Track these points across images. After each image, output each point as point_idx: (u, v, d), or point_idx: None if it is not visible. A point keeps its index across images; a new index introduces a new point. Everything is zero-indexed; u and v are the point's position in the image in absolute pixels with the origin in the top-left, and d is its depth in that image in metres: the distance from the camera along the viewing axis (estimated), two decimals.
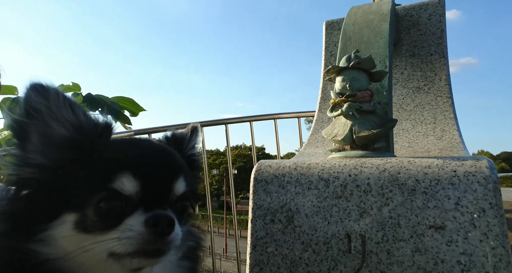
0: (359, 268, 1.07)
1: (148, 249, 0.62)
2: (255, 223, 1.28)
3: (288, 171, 1.28)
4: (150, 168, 0.69)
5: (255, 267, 1.24)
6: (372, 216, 1.09)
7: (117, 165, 0.66)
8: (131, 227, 0.62)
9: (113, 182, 0.63)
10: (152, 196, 0.66)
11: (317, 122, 2.10)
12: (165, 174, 0.70)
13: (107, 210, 0.63)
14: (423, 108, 1.76)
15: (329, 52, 2.26)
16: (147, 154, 0.73)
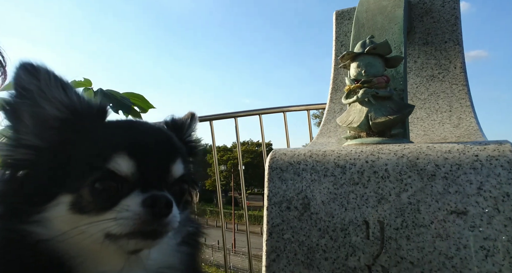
0: (378, 254, 1.07)
1: (145, 230, 0.61)
2: (270, 210, 1.28)
3: (303, 159, 1.27)
4: (146, 149, 0.67)
5: (271, 253, 1.24)
6: (390, 202, 1.08)
7: (112, 145, 0.65)
8: (128, 207, 0.60)
9: (108, 163, 0.62)
10: (149, 177, 0.65)
11: (328, 112, 2.08)
12: (162, 155, 0.69)
13: (103, 191, 0.62)
14: (437, 97, 1.73)
15: (340, 42, 2.23)
16: (143, 135, 0.72)
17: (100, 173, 0.62)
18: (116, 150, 0.64)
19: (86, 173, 0.63)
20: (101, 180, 0.62)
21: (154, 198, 0.61)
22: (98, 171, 0.62)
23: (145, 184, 0.64)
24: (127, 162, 0.63)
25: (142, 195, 0.62)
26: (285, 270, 1.20)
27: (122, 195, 0.62)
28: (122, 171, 0.63)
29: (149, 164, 0.66)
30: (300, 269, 1.18)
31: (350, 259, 1.10)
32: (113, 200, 0.62)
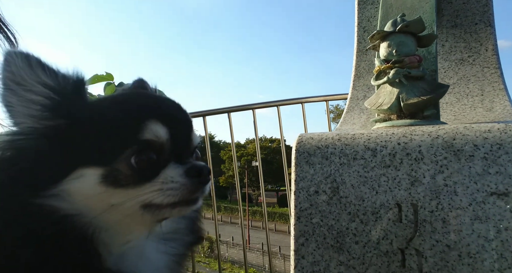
0: (412, 237, 1.04)
1: (190, 198, 0.63)
2: (298, 195, 1.27)
3: (332, 142, 1.25)
4: (174, 117, 0.68)
5: (300, 238, 1.23)
6: (424, 184, 1.05)
7: (142, 115, 0.64)
8: (173, 178, 0.61)
9: (143, 133, 0.61)
10: (179, 146, 0.66)
11: (351, 100, 2.04)
12: (185, 124, 0.70)
13: (141, 163, 0.61)
14: (468, 81, 1.67)
15: (362, 28, 2.18)
16: (165, 104, 0.72)
17: (136, 144, 0.61)
18: (148, 119, 0.63)
19: (119, 146, 0.61)
20: (139, 151, 0.61)
21: (198, 168, 0.63)
22: (133, 143, 0.61)
23: (176, 153, 0.65)
24: (162, 129, 0.63)
25: (180, 165, 0.63)
26: (314, 254, 1.19)
27: (160, 166, 0.62)
28: (159, 138, 0.62)
29: (178, 133, 0.66)
30: (330, 253, 1.16)
31: (382, 242, 1.08)
32: (152, 172, 0.62)
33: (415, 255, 1.02)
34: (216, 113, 3.07)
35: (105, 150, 0.62)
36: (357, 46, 2.16)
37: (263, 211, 2.97)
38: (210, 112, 3.01)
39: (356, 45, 2.17)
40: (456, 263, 0.96)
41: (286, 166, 3.00)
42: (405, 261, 1.03)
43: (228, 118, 2.97)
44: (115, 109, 0.66)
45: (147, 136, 0.61)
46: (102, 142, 0.62)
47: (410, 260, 1.03)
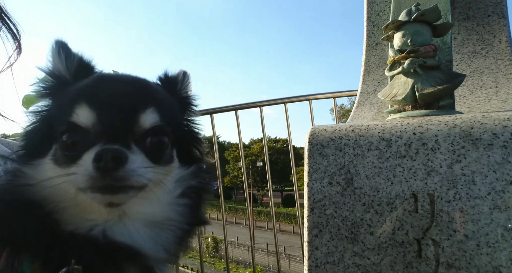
0: (428, 227, 1.03)
1: (98, 185, 0.59)
2: (311, 186, 1.26)
3: (345, 134, 1.25)
4: (109, 98, 0.66)
5: (313, 229, 1.22)
6: (441, 174, 1.04)
7: (75, 97, 0.66)
8: (83, 162, 0.60)
9: (70, 115, 0.63)
10: (112, 129, 0.63)
11: (361, 94, 2.03)
12: (129, 105, 0.66)
13: (69, 144, 0.63)
14: (481, 73, 1.65)
15: (372, 23, 2.16)
16: (110, 85, 0.71)
17: (65, 126, 0.64)
18: (77, 101, 0.64)
19: (57, 127, 0.66)
20: (66, 133, 0.64)
21: (100, 152, 0.58)
22: (63, 124, 0.64)
23: (109, 137, 0.62)
24: (86, 113, 0.62)
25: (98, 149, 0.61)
26: (328, 245, 1.18)
27: (85, 149, 0.62)
28: (82, 122, 0.62)
29: (111, 115, 0.64)
30: (344, 244, 1.16)
31: (398, 233, 1.07)
32: (77, 154, 0.62)
33: (431, 245, 1.01)
34: (223, 110, 3.05)
35: (54, 130, 0.67)
36: (367, 41, 2.15)
37: (271, 211, 2.94)
38: (217, 110, 3.00)
39: (366, 40, 2.15)
40: (474, 253, 0.95)
41: (293, 164, 2.98)
42: (421, 251, 1.02)
43: (236, 116, 2.95)
44: (68, 91, 0.71)
45: (73, 118, 0.63)
46: (55, 123, 0.68)
47: (426, 250, 1.02)
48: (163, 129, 0.68)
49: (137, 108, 0.66)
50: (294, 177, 2.87)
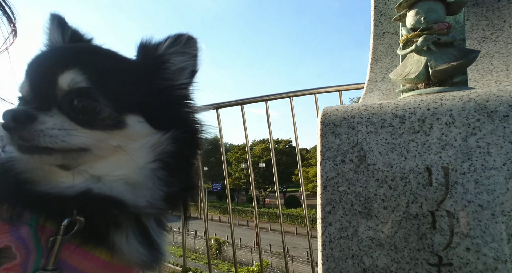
0: (442, 199, 1.04)
1: (11, 144, 0.65)
2: (324, 165, 1.28)
3: (358, 112, 1.26)
4: (35, 66, 0.70)
5: (327, 206, 1.23)
6: (456, 147, 1.05)
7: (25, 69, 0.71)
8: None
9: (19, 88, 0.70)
10: (38, 95, 0.66)
11: (370, 82, 2.04)
12: (47, 69, 0.67)
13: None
14: (491, 57, 1.65)
15: (379, 12, 2.18)
16: (43, 54, 0.76)
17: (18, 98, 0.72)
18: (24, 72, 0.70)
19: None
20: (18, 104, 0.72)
21: (3, 113, 0.62)
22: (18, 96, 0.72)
23: (36, 102, 0.65)
24: (24, 83, 0.69)
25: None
26: (342, 220, 1.19)
27: None
28: (22, 92, 0.70)
29: (36, 81, 0.67)
30: (358, 219, 1.17)
31: (411, 206, 1.08)
32: None
33: (446, 216, 1.02)
34: (229, 105, 3.05)
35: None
36: (374, 30, 2.16)
37: (277, 213, 2.94)
38: (223, 105, 3.00)
39: (373, 29, 2.17)
40: (489, 222, 0.96)
41: (300, 162, 2.95)
42: (436, 223, 1.03)
43: (241, 111, 2.95)
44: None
45: (19, 91, 0.71)
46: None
47: (441, 222, 1.03)
48: (89, 92, 0.67)
49: (55, 71, 0.66)
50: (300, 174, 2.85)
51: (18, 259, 0.62)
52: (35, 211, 0.67)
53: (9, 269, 0.62)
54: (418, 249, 1.04)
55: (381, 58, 2.07)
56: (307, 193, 3.01)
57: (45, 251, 0.65)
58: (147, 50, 0.80)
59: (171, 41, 0.81)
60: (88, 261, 0.68)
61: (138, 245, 0.71)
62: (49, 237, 0.66)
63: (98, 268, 0.69)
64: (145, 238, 0.73)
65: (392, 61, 2.01)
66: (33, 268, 0.64)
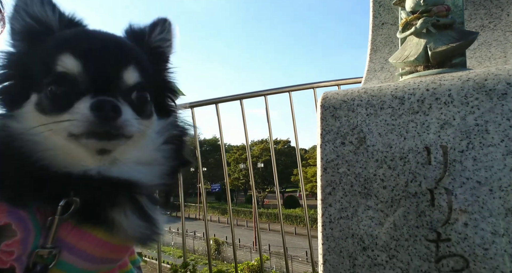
0: (441, 177, 1.05)
1: (96, 131, 0.65)
2: (324, 147, 1.29)
3: (358, 95, 1.27)
4: (93, 52, 0.70)
5: (327, 187, 1.24)
6: (454, 126, 1.06)
7: (61, 47, 0.70)
8: (79, 110, 0.65)
9: (57, 64, 0.67)
10: (99, 82, 0.68)
11: (369, 71, 2.05)
12: (112, 60, 0.71)
13: (56, 94, 0.67)
14: (489, 45, 1.67)
15: (378, 3, 2.19)
16: (92, 39, 0.76)
17: (52, 75, 0.68)
18: (63, 51, 0.68)
19: (42, 76, 0.69)
20: (54, 83, 0.67)
21: (100, 102, 0.65)
22: (50, 74, 0.68)
23: (96, 90, 0.67)
24: (72, 62, 0.67)
25: (91, 99, 0.66)
26: (341, 201, 1.21)
27: (74, 98, 0.67)
28: (69, 70, 0.67)
29: (98, 68, 0.69)
30: (357, 199, 1.18)
31: (411, 185, 1.10)
32: (67, 103, 0.66)
33: (444, 193, 1.04)
34: (228, 100, 3.04)
35: (39, 79, 0.69)
36: (373, 21, 2.18)
37: (276, 213, 2.94)
38: (222, 100, 2.99)
39: (372, 20, 2.18)
40: (487, 198, 0.97)
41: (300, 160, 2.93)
42: (434, 200, 1.05)
43: (241, 106, 2.94)
44: (51, 42, 0.73)
45: (59, 68, 0.67)
46: (40, 72, 0.70)
47: (439, 199, 1.04)
48: (144, 86, 0.75)
49: (120, 65, 0.71)
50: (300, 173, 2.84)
51: (19, 236, 0.64)
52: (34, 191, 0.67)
53: (10, 246, 0.63)
54: (417, 226, 1.06)
55: (380, 49, 2.08)
56: (306, 193, 3.01)
57: (43, 230, 0.67)
58: (141, 37, 0.84)
59: (160, 27, 0.86)
60: (85, 240, 0.70)
61: (137, 220, 0.74)
62: (47, 217, 0.67)
63: (95, 247, 0.71)
64: (142, 213, 0.76)
65: (391, 51, 2.03)
66: (32, 246, 0.66)
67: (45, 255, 0.66)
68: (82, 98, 0.66)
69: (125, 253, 0.83)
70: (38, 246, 0.66)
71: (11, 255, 0.64)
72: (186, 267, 2.53)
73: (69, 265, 0.69)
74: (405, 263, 1.06)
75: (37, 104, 0.69)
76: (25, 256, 0.65)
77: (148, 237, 0.77)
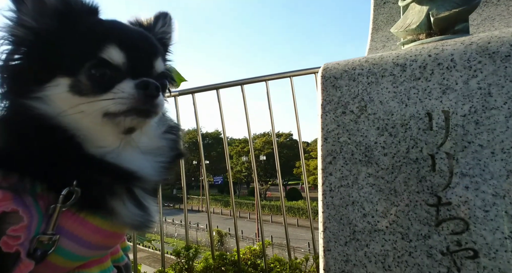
0: (442, 142, 1.05)
1: (139, 108, 0.72)
2: (325, 117, 1.28)
3: (359, 64, 1.26)
4: (134, 44, 0.77)
5: (327, 157, 1.24)
6: (456, 91, 1.05)
7: (105, 37, 0.74)
8: (124, 89, 0.71)
9: (102, 52, 0.71)
10: (137, 69, 0.75)
11: (370, 51, 2.03)
12: (147, 51, 0.80)
13: (98, 76, 0.71)
14: (493, 20, 1.65)
15: None
16: (131, 32, 0.82)
17: (95, 60, 0.71)
18: (108, 41, 0.73)
19: (83, 60, 0.71)
20: (97, 67, 0.71)
21: (146, 81, 0.72)
22: (93, 58, 0.71)
23: (134, 74, 0.74)
24: (118, 53, 0.72)
25: (134, 81, 0.73)
26: (342, 170, 1.20)
27: (116, 81, 0.72)
28: (114, 59, 0.72)
29: (136, 57, 0.76)
30: (358, 167, 1.18)
31: (412, 151, 1.09)
32: (108, 85, 0.72)
33: (445, 158, 1.03)
34: (229, 85, 3.01)
35: (73, 62, 0.72)
36: (374, 0, 2.15)
37: (278, 205, 2.95)
38: (223, 85, 2.95)
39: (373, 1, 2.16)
40: (488, 160, 0.96)
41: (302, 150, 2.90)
42: (435, 165, 1.04)
43: (242, 91, 2.91)
44: (91, 30, 0.76)
45: (104, 55, 0.72)
46: (73, 56, 0.73)
47: (440, 164, 1.03)
48: (165, 74, 0.85)
49: (153, 55, 0.80)
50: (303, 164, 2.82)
51: (25, 221, 0.67)
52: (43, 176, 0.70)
53: (17, 231, 0.66)
54: (418, 192, 1.05)
55: (382, 28, 2.06)
56: (308, 186, 3.00)
57: (45, 217, 0.70)
58: (149, 30, 0.90)
59: (162, 21, 0.94)
60: (83, 227, 0.74)
61: (134, 209, 0.78)
62: (48, 205, 0.70)
63: (92, 233, 0.74)
64: (138, 202, 0.80)
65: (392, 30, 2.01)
66: (34, 232, 0.68)
67: (45, 241, 0.69)
68: (123, 81, 0.72)
69: (119, 240, 0.87)
70: (39, 232, 0.69)
71: (18, 240, 0.66)
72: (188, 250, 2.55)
73: (66, 251, 0.73)
74: (405, 227, 1.06)
75: (71, 87, 0.72)
76: (28, 242, 0.68)
77: (143, 224, 0.80)
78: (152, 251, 18.53)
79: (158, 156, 0.82)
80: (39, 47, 0.73)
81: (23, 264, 0.67)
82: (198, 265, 2.48)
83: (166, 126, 0.88)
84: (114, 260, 0.90)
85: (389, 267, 1.07)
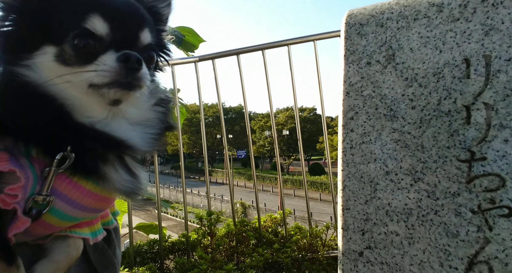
0: (481, 91, 0.93)
1: (121, 81, 0.71)
2: (347, 69, 1.18)
3: (388, 7, 1.12)
4: (118, 14, 0.75)
5: (349, 112, 1.15)
6: (502, 31, 0.91)
7: (90, 6, 0.72)
8: (105, 62, 0.70)
9: (85, 22, 0.70)
10: (121, 40, 0.74)
11: None
12: (132, 22, 0.77)
13: (82, 47, 0.71)
14: None
15: None
16: (116, 1, 0.79)
17: (78, 30, 0.71)
18: (92, 11, 0.71)
19: (67, 29, 0.71)
20: (80, 37, 0.71)
21: (127, 55, 0.71)
22: (76, 28, 0.71)
23: (118, 45, 0.73)
24: (101, 23, 0.71)
25: (116, 53, 0.72)
26: (365, 125, 1.12)
27: (99, 52, 0.71)
28: (97, 30, 0.71)
29: (121, 28, 0.74)
30: (382, 122, 1.08)
31: (444, 102, 0.98)
32: (91, 56, 0.71)
33: (483, 109, 0.92)
34: (249, 51, 2.89)
35: (59, 31, 0.72)
36: None
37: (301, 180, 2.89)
38: (243, 50, 2.84)
39: None
40: None
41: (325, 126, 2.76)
42: (471, 118, 0.93)
43: (263, 56, 2.79)
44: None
45: (87, 25, 0.70)
46: (58, 24, 0.72)
47: (476, 115, 0.92)
48: (152, 46, 0.82)
49: (138, 27, 0.78)
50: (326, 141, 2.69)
51: (22, 181, 0.69)
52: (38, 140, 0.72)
53: (15, 190, 0.69)
54: (448, 147, 0.96)
55: None
56: (331, 161, 2.92)
57: (40, 179, 0.72)
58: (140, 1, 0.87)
59: None
60: (76, 190, 0.76)
61: (125, 175, 0.80)
62: (43, 167, 0.72)
63: (85, 197, 0.77)
64: (129, 170, 0.82)
65: None
66: (29, 192, 0.71)
67: (40, 201, 0.72)
68: (107, 52, 0.71)
69: (110, 204, 0.89)
70: (34, 192, 0.72)
71: (15, 198, 0.69)
72: (210, 216, 2.60)
73: (60, 211, 0.76)
74: (431, 185, 0.98)
75: (57, 56, 0.71)
76: (23, 201, 0.71)
77: (133, 191, 0.82)
78: (179, 220, 19.54)
79: (147, 128, 0.82)
80: (28, 14, 0.73)
81: (20, 221, 0.70)
82: (220, 231, 2.54)
83: (157, 99, 0.87)
84: (104, 223, 0.93)
85: (412, 226, 1.00)
